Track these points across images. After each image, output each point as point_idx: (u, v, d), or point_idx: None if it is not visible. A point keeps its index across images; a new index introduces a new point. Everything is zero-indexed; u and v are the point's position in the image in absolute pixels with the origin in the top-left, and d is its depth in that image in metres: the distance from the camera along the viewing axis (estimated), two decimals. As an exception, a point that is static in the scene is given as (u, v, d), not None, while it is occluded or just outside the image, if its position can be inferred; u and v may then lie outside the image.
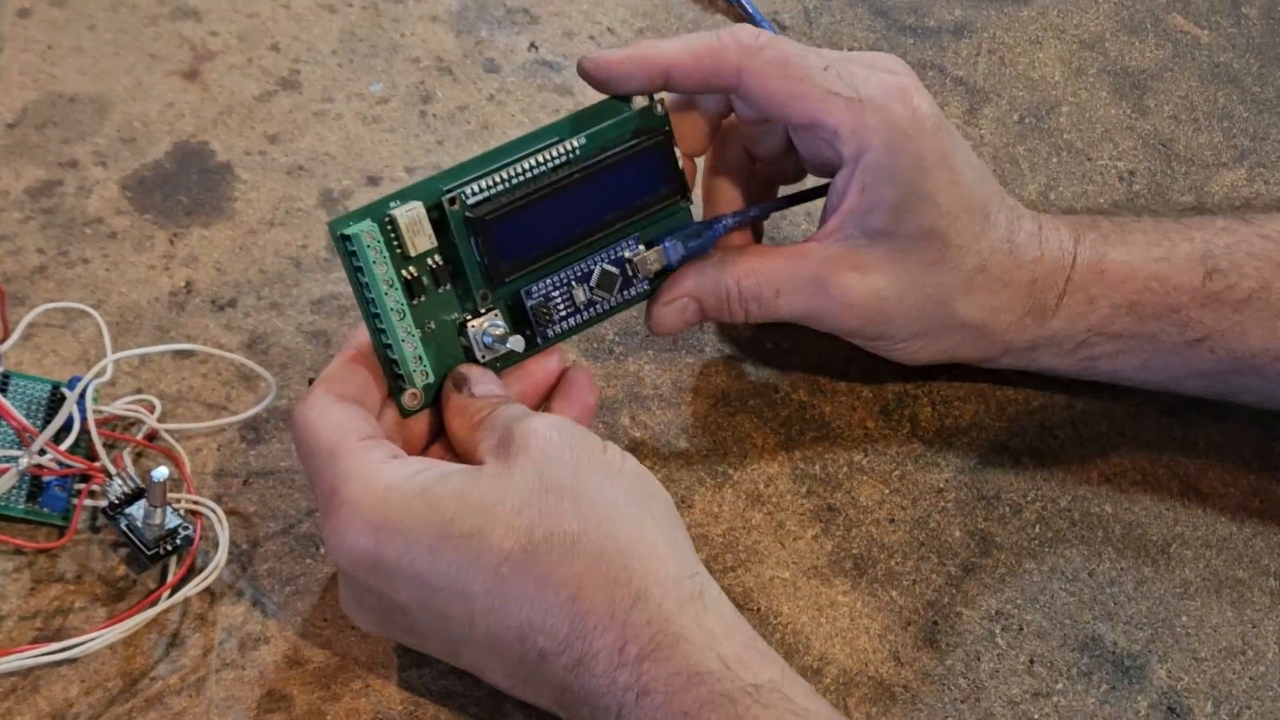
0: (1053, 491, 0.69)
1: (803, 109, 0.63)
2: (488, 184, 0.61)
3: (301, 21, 0.81)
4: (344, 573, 0.56)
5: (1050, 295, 0.66)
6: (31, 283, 0.69)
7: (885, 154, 0.63)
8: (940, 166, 0.63)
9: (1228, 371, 0.67)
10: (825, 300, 0.65)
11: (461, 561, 0.53)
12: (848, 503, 0.67)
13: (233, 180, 0.74)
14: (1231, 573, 0.67)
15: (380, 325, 0.59)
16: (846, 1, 0.86)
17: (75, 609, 0.60)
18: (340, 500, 0.55)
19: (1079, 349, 0.67)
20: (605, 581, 0.52)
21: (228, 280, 0.70)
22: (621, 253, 0.64)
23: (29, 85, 0.76)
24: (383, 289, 0.59)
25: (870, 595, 0.65)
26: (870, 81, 0.63)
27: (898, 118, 0.63)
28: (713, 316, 0.66)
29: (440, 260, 0.60)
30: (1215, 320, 0.66)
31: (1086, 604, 0.65)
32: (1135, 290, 0.66)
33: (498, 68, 0.80)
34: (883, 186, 0.63)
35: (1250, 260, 0.66)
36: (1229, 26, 0.88)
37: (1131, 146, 0.82)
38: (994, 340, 0.67)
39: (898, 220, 0.64)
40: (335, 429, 0.56)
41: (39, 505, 0.62)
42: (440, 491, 0.54)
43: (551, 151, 0.62)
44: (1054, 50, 0.86)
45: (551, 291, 0.63)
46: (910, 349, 0.67)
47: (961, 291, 0.65)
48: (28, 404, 0.63)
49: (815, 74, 0.63)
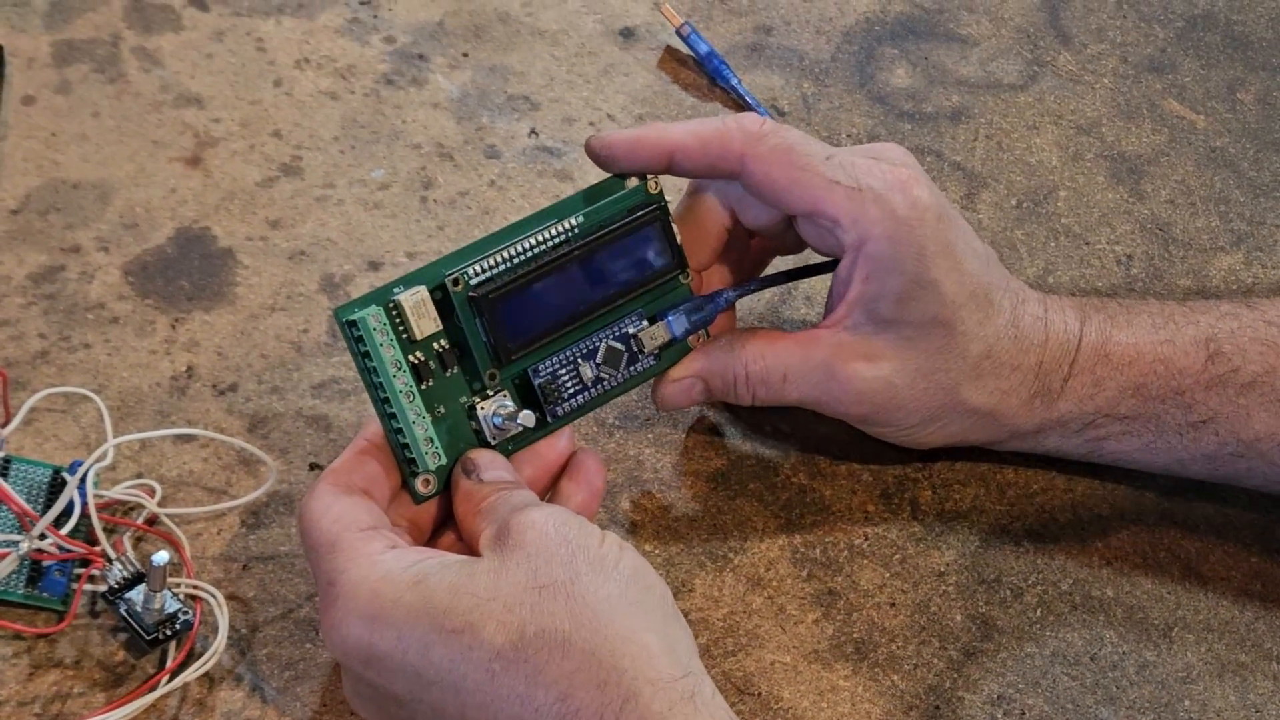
0: (1054, 575, 0.69)
1: (804, 198, 0.64)
2: (489, 264, 0.62)
3: (303, 108, 0.82)
4: (342, 663, 0.57)
5: (1056, 379, 0.67)
6: (33, 367, 0.70)
7: (887, 244, 0.64)
8: (942, 255, 0.64)
9: (1232, 455, 0.67)
10: (834, 387, 0.66)
11: (453, 657, 0.53)
12: (849, 586, 0.67)
13: (234, 265, 0.75)
14: (1234, 656, 0.67)
15: (390, 410, 0.60)
16: (844, 88, 0.87)
17: (74, 694, 0.60)
18: (336, 592, 0.55)
19: (1085, 430, 0.68)
20: (595, 682, 0.52)
21: (229, 365, 0.71)
22: (626, 329, 0.65)
23: (32, 171, 0.77)
24: (391, 372, 0.59)
25: (872, 680, 0.65)
26: (872, 172, 0.64)
27: (898, 208, 0.63)
28: (719, 398, 0.67)
29: (446, 344, 0.61)
30: (1219, 403, 0.66)
31: (1089, 688, 0.65)
32: (1140, 373, 0.67)
33: (499, 153, 0.81)
34: (886, 276, 0.64)
35: (1255, 345, 0.67)
36: (1224, 112, 0.89)
37: (1129, 231, 0.83)
38: (1002, 424, 0.68)
39: (903, 309, 0.64)
40: (336, 522, 0.57)
41: (39, 590, 0.62)
42: (434, 584, 0.54)
43: (550, 230, 0.63)
44: (1051, 135, 0.87)
45: (559, 369, 0.64)
46: (918, 434, 0.68)
47: (969, 378, 0.66)
48: (29, 488, 0.64)
49: (818, 163, 0.64)
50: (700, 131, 0.64)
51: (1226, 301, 0.70)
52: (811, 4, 0.91)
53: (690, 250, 0.67)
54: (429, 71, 0.85)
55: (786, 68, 0.88)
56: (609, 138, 0.65)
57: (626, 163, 0.65)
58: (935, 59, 0.90)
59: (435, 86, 0.84)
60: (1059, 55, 0.91)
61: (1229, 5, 0.95)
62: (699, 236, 0.68)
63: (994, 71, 0.90)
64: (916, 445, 0.69)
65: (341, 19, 0.86)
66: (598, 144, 0.65)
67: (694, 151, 0.64)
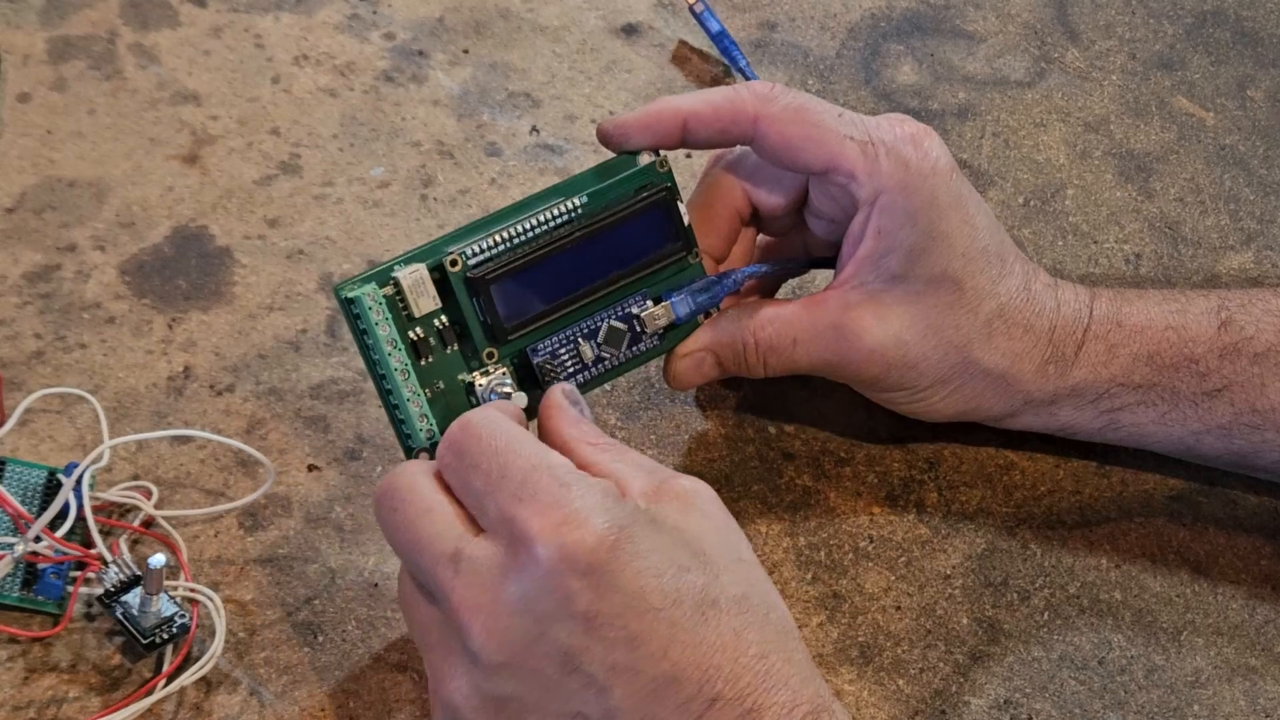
0: (1061, 577, 0.69)
1: (819, 154, 0.64)
2: (489, 244, 0.62)
3: (302, 105, 0.82)
4: (533, 567, 0.52)
5: (1069, 345, 0.67)
6: (28, 368, 0.70)
7: (900, 195, 0.64)
8: (954, 208, 0.65)
9: (1247, 426, 0.67)
10: (845, 347, 0.66)
11: (678, 591, 0.52)
12: (853, 590, 0.67)
13: (232, 265, 0.75)
14: (1244, 660, 0.67)
15: (386, 386, 0.60)
16: (850, 84, 0.87)
17: (69, 699, 0.60)
18: (575, 493, 0.53)
19: (1100, 400, 0.68)
20: (785, 652, 0.53)
21: (226, 365, 0.71)
22: (629, 309, 0.65)
23: (28, 170, 0.77)
24: (386, 350, 0.60)
25: (877, 684, 0.65)
26: (883, 127, 0.65)
27: (911, 159, 0.64)
28: (731, 371, 0.67)
29: (447, 321, 0.61)
30: (1233, 371, 0.67)
31: (1097, 693, 0.65)
32: (1153, 341, 0.67)
33: (499, 151, 0.81)
34: (899, 228, 0.65)
35: (1267, 316, 0.68)
36: (1234, 109, 0.89)
37: (1138, 229, 0.82)
38: (1015, 390, 0.68)
39: (913, 263, 0.65)
40: (530, 438, 0.56)
41: (34, 593, 0.62)
42: (660, 525, 0.54)
43: (553, 210, 0.63)
44: (1058, 133, 0.87)
45: (558, 349, 0.64)
46: (931, 400, 0.68)
47: (981, 336, 0.66)
48: (24, 490, 0.64)
49: (830, 120, 0.65)
50: (711, 98, 0.65)
51: (1235, 288, 0.70)
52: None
53: (705, 236, 0.67)
54: (429, 68, 0.85)
55: (791, 64, 0.88)
56: (621, 116, 0.65)
57: (640, 137, 0.65)
58: (941, 55, 0.90)
59: (435, 83, 0.84)
60: (1067, 52, 0.91)
61: (1239, 1, 0.95)
62: (714, 222, 0.68)
63: (1001, 68, 0.89)
64: (931, 414, 0.69)
65: (341, 15, 0.86)
66: (610, 124, 0.65)
67: (707, 117, 0.65)
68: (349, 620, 0.64)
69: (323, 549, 0.66)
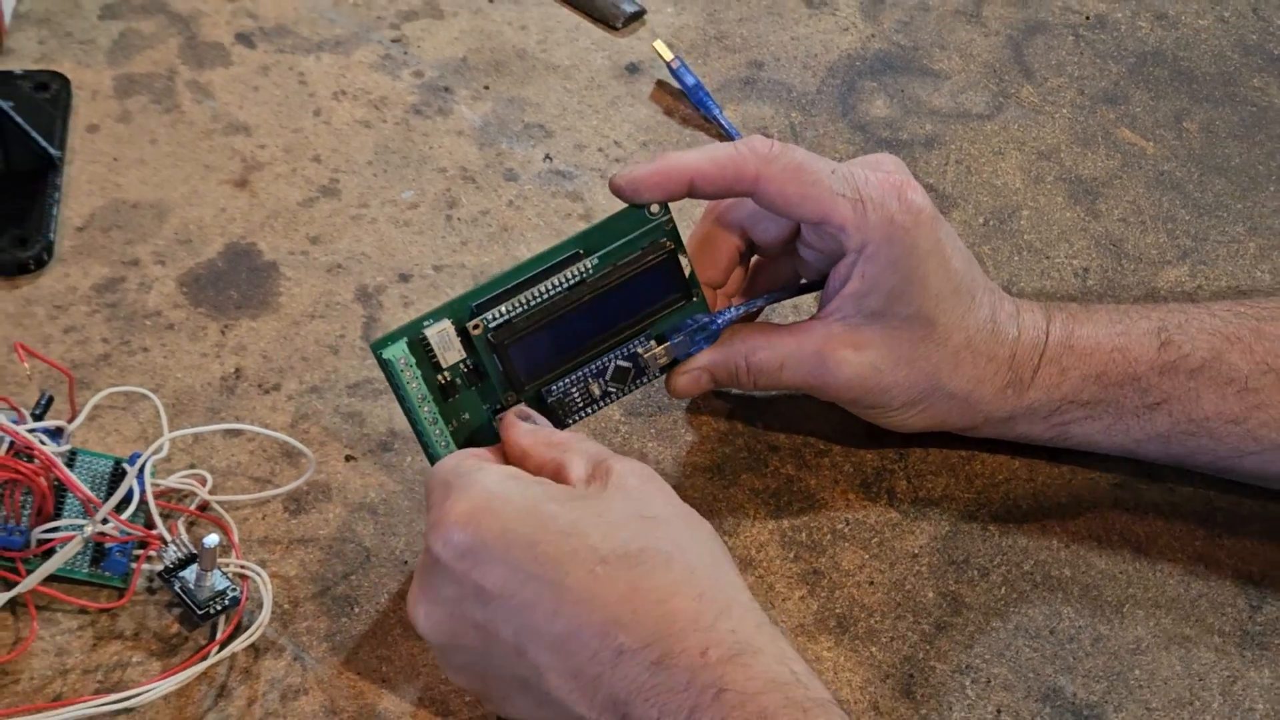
0: (1017, 556, 0.69)
1: (814, 210, 0.64)
2: (508, 309, 0.62)
3: (341, 135, 0.82)
4: (434, 564, 0.56)
5: (1027, 370, 0.67)
6: (97, 369, 0.70)
7: (885, 245, 0.64)
8: (933, 254, 0.65)
9: (1184, 434, 0.67)
10: (825, 373, 0.66)
11: (559, 555, 0.53)
12: (831, 567, 0.68)
13: (278, 277, 0.75)
14: (1180, 630, 0.67)
15: (418, 428, 0.62)
16: (829, 117, 0.87)
17: (133, 663, 0.60)
18: (450, 489, 0.56)
19: (1051, 416, 0.68)
20: (694, 594, 0.53)
21: (273, 366, 0.71)
22: (634, 349, 0.65)
23: (96, 193, 0.77)
24: (416, 403, 0.62)
25: (852, 651, 0.65)
26: (870, 183, 0.65)
27: (895, 214, 0.64)
28: (724, 386, 0.68)
29: (471, 364, 0.62)
30: (1171, 386, 0.67)
31: (1048, 659, 0.65)
32: (1100, 362, 0.67)
33: (516, 176, 0.82)
34: (881, 274, 0.65)
35: (1201, 334, 0.67)
36: (1172, 139, 0.89)
37: (1085, 246, 0.83)
38: (977, 410, 0.68)
39: (892, 303, 0.65)
40: (462, 460, 0.58)
41: (101, 569, 0.62)
42: (545, 493, 0.56)
43: (566, 273, 0.63)
44: (1015, 160, 0.87)
45: (570, 389, 0.64)
46: (903, 417, 0.68)
47: (949, 366, 0.66)
48: (92, 478, 0.64)
49: (824, 178, 0.65)
50: (716, 157, 0.65)
51: (1174, 302, 0.71)
52: (799, 42, 0.92)
53: (705, 269, 0.68)
54: (454, 103, 0.85)
55: (776, 99, 0.88)
56: (632, 173, 0.64)
57: (651, 193, 0.64)
58: (910, 91, 0.90)
59: (459, 116, 0.84)
60: (1022, 88, 0.91)
61: (1176, 43, 0.95)
62: (714, 255, 0.68)
63: (963, 102, 0.90)
64: (903, 428, 0.69)
65: (375, 55, 0.86)
66: (623, 180, 0.64)
67: (712, 175, 0.64)
68: (382, 594, 0.64)
69: (358, 530, 0.66)
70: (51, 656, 0.60)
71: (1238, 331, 0.67)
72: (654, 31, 0.90)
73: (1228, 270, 0.82)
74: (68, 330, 0.71)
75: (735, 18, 0.92)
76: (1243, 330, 0.67)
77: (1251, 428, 0.67)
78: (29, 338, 0.70)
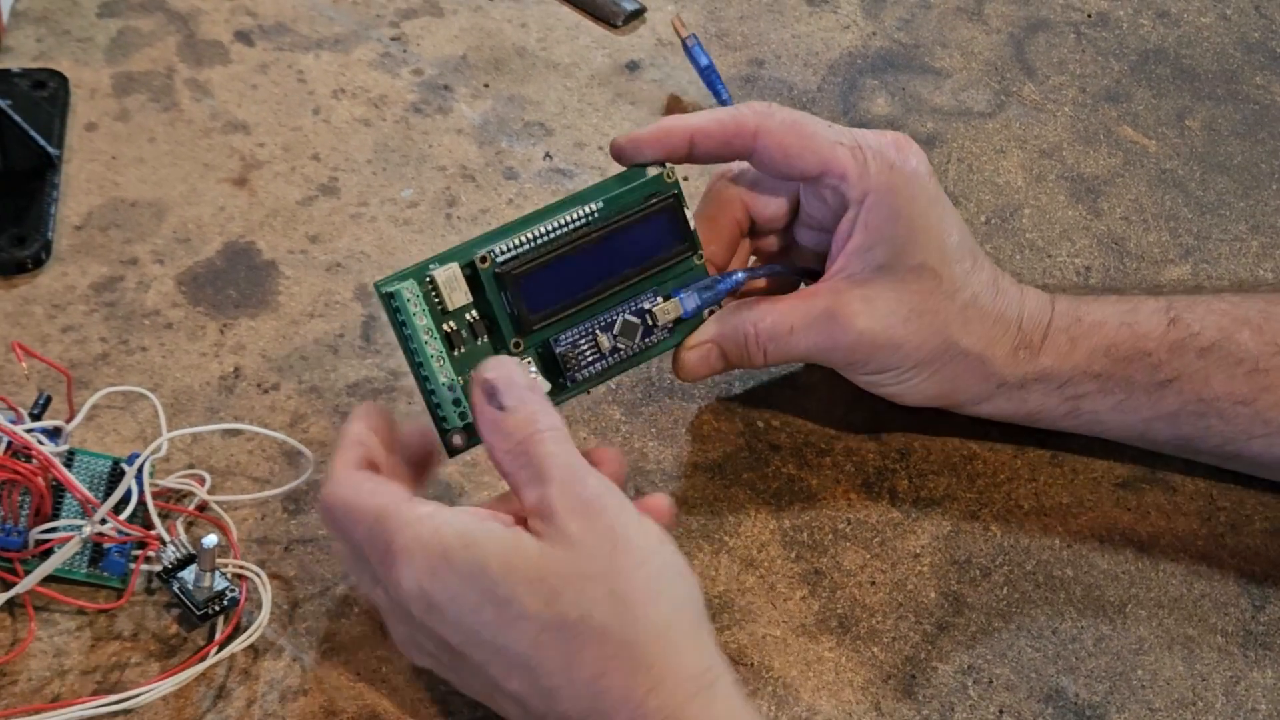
0: (1019, 556, 0.69)
1: (814, 160, 0.65)
2: (514, 243, 0.62)
3: (340, 134, 0.82)
4: (406, 614, 0.55)
5: (1036, 334, 0.67)
6: (95, 369, 0.70)
7: (887, 194, 0.64)
8: (933, 206, 0.65)
9: (1193, 414, 0.67)
10: (837, 331, 0.65)
11: (500, 622, 0.53)
12: (833, 566, 0.67)
13: (277, 276, 0.75)
14: (1182, 630, 0.67)
15: (423, 373, 0.61)
16: (829, 115, 0.87)
17: (131, 664, 0.60)
18: (395, 554, 0.54)
19: (1065, 387, 0.68)
20: (627, 669, 0.52)
21: (272, 366, 0.71)
22: (642, 304, 0.65)
23: (94, 191, 0.77)
24: (423, 339, 0.60)
25: (854, 651, 0.65)
26: (868, 135, 0.66)
27: (895, 162, 0.65)
28: (734, 362, 0.67)
29: (477, 315, 0.62)
30: (1182, 364, 0.67)
31: (1050, 659, 0.65)
32: (1109, 335, 0.67)
33: (516, 175, 0.81)
34: (884, 223, 0.65)
35: (1210, 315, 0.68)
36: (1174, 137, 0.89)
37: (1087, 245, 0.82)
38: (990, 373, 0.67)
39: (897, 253, 0.65)
40: (373, 495, 0.56)
41: (100, 569, 0.62)
42: (485, 550, 0.53)
43: (572, 214, 0.63)
44: (1016, 159, 0.87)
45: (579, 339, 0.64)
46: (915, 382, 0.67)
47: (959, 321, 0.66)
48: (91, 478, 0.64)
49: (822, 130, 0.65)
50: (717, 115, 0.65)
51: (1180, 292, 0.70)
52: (800, 39, 0.91)
53: (708, 245, 0.67)
54: (453, 101, 0.85)
55: (777, 97, 0.88)
56: (634, 132, 0.65)
57: (652, 151, 0.65)
58: (912, 89, 0.90)
59: (459, 114, 0.84)
60: (1024, 86, 0.91)
61: (1178, 41, 0.94)
62: (716, 232, 0.68)
63: (965, 101, 0.89)
64: (912, 397, 0.68)
65: (374, 53, 0.86)
66: (624, 139, 0.65)
67: (713, 132, 0.65)
68: (381, 594, 0.64)
69: (358, 530, 0.66)
70: (50, 657, 0.60)
71: (1246, 313, 0.67)
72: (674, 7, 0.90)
73: (1230, 269, 0.82)
74: (66, 330, 0.71)
75: (736, 15, 0.92)
76: (1251, 312, 0.68)
77: (1260, 409, 0.67)
78: (27, 337, 0.70)
